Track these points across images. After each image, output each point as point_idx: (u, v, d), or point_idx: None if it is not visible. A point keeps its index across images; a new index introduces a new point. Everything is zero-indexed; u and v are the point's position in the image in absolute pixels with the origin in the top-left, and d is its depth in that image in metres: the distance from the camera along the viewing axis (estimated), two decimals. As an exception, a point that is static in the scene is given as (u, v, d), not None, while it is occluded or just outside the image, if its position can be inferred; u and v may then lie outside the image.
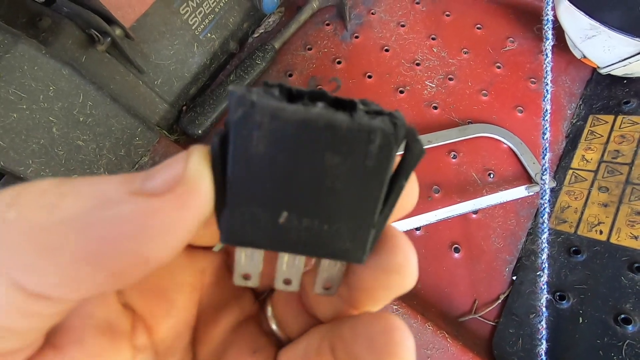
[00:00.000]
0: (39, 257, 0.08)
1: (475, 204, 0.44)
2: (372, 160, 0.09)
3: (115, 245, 0.08)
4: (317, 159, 0.09)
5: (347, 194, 0.09)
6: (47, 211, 0.08)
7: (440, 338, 0.36)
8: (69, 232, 0.08)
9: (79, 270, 0.08)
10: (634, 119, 0.44)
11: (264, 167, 0.09)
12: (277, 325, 0.14)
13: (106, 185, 0.09)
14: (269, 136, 0.08)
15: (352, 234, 0.10)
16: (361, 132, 0.08)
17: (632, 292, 0.35)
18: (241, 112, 0.08)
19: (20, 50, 0.30)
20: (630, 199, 0.39)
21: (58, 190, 0.08)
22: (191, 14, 0.46)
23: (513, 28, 0.55)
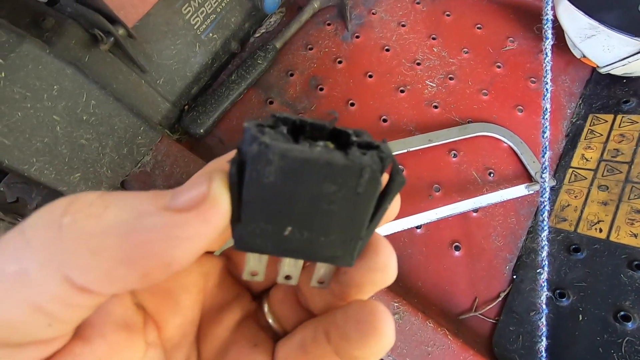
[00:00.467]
0: (87, 256, 0.09)
1: (476, 203, 0.44)
2: (362, 189, 0.11)
3: (146, 250, 0.09)
4: (317, 187, 0.11)
5: (340, 213, 0.11)
6: (95, 219, 0.10)
7: (441, 335, 0.36)
8: (111, 237, 0.09)
9: (117, 269, 0.09)
10: (633, 118, 0.44)
11: (272, 193, 0.11)
12: (273, 320, 0.15)
13: (141, 199, 0.10)
14: (278, 170, 0.10)
15: (343, 244, 0.12)
16: (354, 168, 0.10)
17: (632, 289, 0.35)
18: (256, 150, 0.10)
19: (25, 50, 0.31)
20: (630, 198, 0.39)
21: (102, 202, 0.10)
22: (193, 14, 0.47)
23: (513, 28, 0.55)
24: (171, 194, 0.11)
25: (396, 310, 0.37)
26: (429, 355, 0.36)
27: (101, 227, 0.09)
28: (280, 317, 0.15)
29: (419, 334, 0.36)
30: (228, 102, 0.50)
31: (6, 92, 0.31)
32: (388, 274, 0.13)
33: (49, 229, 0.09)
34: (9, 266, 0.09)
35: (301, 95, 0.52)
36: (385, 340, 0.12)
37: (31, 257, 0.09)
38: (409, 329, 0.37)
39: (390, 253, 0.13)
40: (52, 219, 0.10)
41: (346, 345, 0.12)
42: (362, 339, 0.12)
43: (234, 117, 0.51)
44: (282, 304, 0.15)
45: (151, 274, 0.10)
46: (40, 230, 0.10)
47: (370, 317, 0.12)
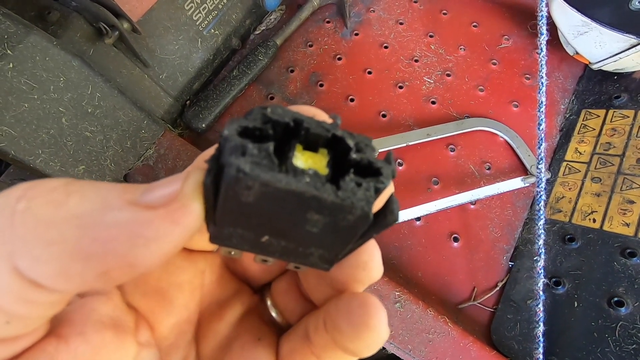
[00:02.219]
0: (40, 247, 0.08)
1: (473, 195, 0.45)
2: (348, 223, 0.10)
3: (106, 247, 0.09)
4: (300, 214, 0.10)
5: (321, 237, 0.11)
6: (54, 207, 0.09)
7: (441, 323, 0.37)
8: (69, 229, 0.09)
9: (71, 265, 0.09)
10: (624, 112, 0.46)
11: (250, 210, 0.10)
12: (277, 313, 0.15)
13: (109, 191, 0.09)
14: (259, 194, 0.09)
15: (322, 258, 0.12)
16: (344, 207, 0.09)
17: (625, 276, 0.36)
18: (233, 174, 0.09)
19: (32, 41, 0.31)
20: (622, 189, 0.41)
21: (66, 189, 0.09)
22: (195, 10, 0.47)
23: (508, 26, 0.56)
24: (143, 188, 0.10)
25: (397, 299, 0.38)
26: (429, 342, 0.37)
27: (59, 217, 0.09)
28: (284, 310, 0.15)
29: (419, 322, 0.37)
30: (229, 98, 0.50)
31: (14, 83, 0.31)
32: (371, 271, 0.13)
33: (1, 215, 0.09)
34: None
35: (301, 91, 0.53)
36: (376, 333, 0.11)
37: None
38: (410, 317, 0.37)
39: (373, 249, 0.13)
40: (6, 203, 0.09)
41: (340, 337, 0.12)
42: (354, 332, 0.11)
43: (235, 112, 0.52)
44: (284, 297, 0.15)
45: (111, 274, 0.09)
46: None
47: (360, 310, 0.12)
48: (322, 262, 0.12)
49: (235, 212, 0.10)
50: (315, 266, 0.12)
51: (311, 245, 0.11)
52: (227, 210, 0.10)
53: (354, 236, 0.11)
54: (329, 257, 0.12)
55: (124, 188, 0.09)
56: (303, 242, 0.11)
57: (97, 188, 0.09)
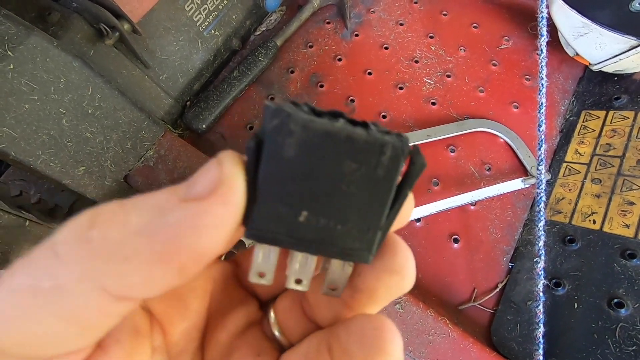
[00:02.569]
0: (121, 263, 0.09)
1: (473, 196, 0.45)
2: (383, 170, 0.10)
3: (177, 244, 0.09)
4: (337, 165, 0.10)
5: (360, 197, 0.11)
6: (121, 226, 0.10)
7: (441, 324, 0.37)
8: (140, 240, 0.09)
9: (152, 271, 0.10)
10: (624, 113, 0.46)
11: (291, 169, 0.10)
12: (279, 331, 0.15)
13: (158, 198, 0.10)
14: (299, 143, 0.10)
15: (362, 234, 0.11)
16: (375, 144, 0.10)
17: (625, 277, 0.36)
18: (277, 121, 0.10)
19: (32, 42, 0.31)
20: (622, 190, 0.41)
21: (123, 209, 0.10)
22: (196, 11, 0.47)
23: (508, 27, 0.56)
24: (185, 185, 0.10)
25: (397, 301, 0.38)
26: (430, 344, 0.37)
27: (128, 232, 0.10)
28: (286, 328, 0.15)
29: (420, 324, 0.37)
30: (229, 98, 0.50)
31: (14, 85, 0.31)
32: (405, 277, 0.12)
33: (79, 244, 0.10)
34: (43, 283, 0.09)
35: (302, 92, 0.53)
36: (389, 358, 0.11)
37: (65, 273, 0.09)
38: (410, 318, 0.37)
39: (409, 255, 0.12)
40: (80, 233, 0.10)
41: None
42: (366, 357, 0.11)
43: (235, 113, 0.52)
44: (288, 314, 0.15)
45: (187, 267, 0.10)
46: (70, 245, 0.10)
47: (375, 333, 0.11)
48: (361, 250, 0.12)
49: (276, 176, 0.10)
50: (354, 256, 0.12)
51: (350, 218, 0.11)
52: (269, 175, 0.10)
53: (390, 190, 0.11)
54: (368, 236, 0.11)
55: (170, 191, 0.10)
56: (342, 213, 0.11)
57: (148, 198, 0.10)
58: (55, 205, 0.46)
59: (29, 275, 0.10)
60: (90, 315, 0.10)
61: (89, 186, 0.40)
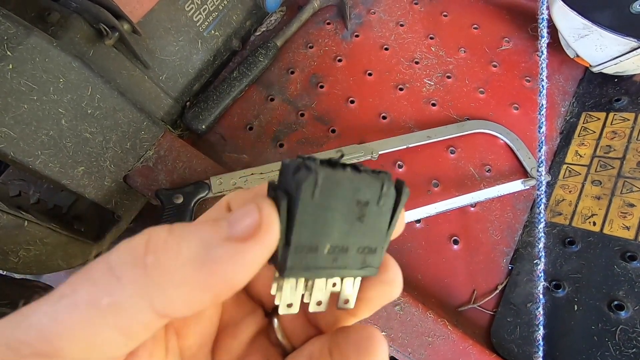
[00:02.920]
0: (172, 289, 0.11)
1: (473, 198, 0.45)
2: (384, 201, 0.14)
3: (219, 277, 0.11)
4: (351, 203, 0.13)
5: (369, 225, 0.14)
6: (173, 256, 0.11)
7: (440, 326, 0.37)
8: (189, 270, 0.11)
9: (195, 296, 0.11)
10: (624, 115, 0.46)
11: (317, 211, 0.13)
12: (283, 336, 0.16)
13: (205, 232, 0.12)
14: (322, 190, 0.12)
15: (372, 254, 0.14)
16: (377, 181, 0.13)
17: (625, 279, 0.36)
18: (308, 176, 0.12)
19: (32, 42, 0.31)
20: (622, 192, 0.41)
21: (174, 239, 0.12)
22: (196, 11, 0.47)
23: (508, 28, 0.56)
24: (227, 223, 0.12)
25: (397, 302, 0.38)
26: (429, 345, 0.36)
27: (180, 262, 0.11)
28: (290, 334, 0.16)
29: (419, 325, 0.37)
30: (229, 99, 0.50)
31: (13, 85, 0.31)
32: (395, 287, 0.15)
33: (136, 267, 0.11)
34: (103, 299, 0.11)
35: (302, 93, 0.53)
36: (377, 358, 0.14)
37: (122, 292, 0.11)
38: (409, 320, 0.37)
39: (397, 269, 0.15)
40: (137, 258, 0.11)
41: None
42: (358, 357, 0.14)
43: (235, 114, 0.52)
44: (291, 321, 0.16)
45: (221, 295, 0.11)
46: (127, 267, 0.11)
47: (367, 341, 0.14)
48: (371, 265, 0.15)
49: (307, 218, 0.12)
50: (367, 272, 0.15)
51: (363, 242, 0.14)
52: (303, 219, 0.12)
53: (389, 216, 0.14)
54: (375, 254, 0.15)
55: (214, 226, 0.12)
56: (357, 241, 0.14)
57: (196, 231, 0.12)
58: (55, 206, 0.46)
59: (89, 292, 0.11)
60: (138, 329, 0.11)
61: (88, 186, 0.40)
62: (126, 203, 0.45)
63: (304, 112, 0.51)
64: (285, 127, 0.51)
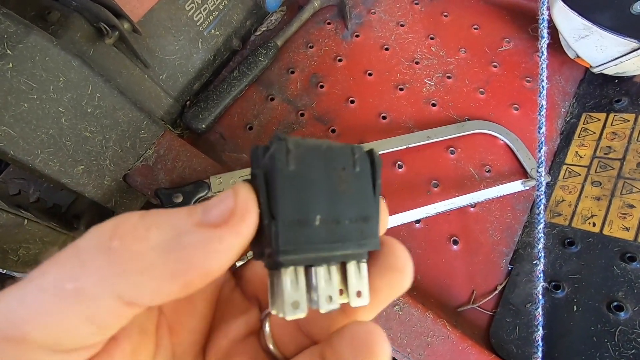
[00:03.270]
0: (137, 276, 0.10)
1: (473, 198, 0.45)
2: (359, 166, 0.13)
3: (188, 264, 0.11)
4: (328, 170, 0.13)
5: (352, 192, 0.13)
6: (140, 241, 0.11)
7: (440, 326, 0.37)
8: (156, 256, 0.11)
9: (162, 284, 0.11)
10: (624, 116, 0.46)
11: (296, 181, 0.12)
12: (273, 344, 0.15)
13: (177, 217, 0.11)
14: (296, 157, 0.12)
15: (365, 224, 0.13)
16: (347, 149, 0.13)
17: (624, 280, 0.36)
18: (279, 144, 0.12)
19: (32, 41, 0.31)
20: (622, 193, 0.41)
21: (144, 224, 0.11)
22: (196, 11, 0.47)
23: (509, 29, 0.56)
24: (202, 209, 0.12)
25: (396, 302, 0.38)
26: (428, 346, 0.36)
27: (146, 248, 0.11)
28: (281, 342, 0.15)
29: (418, 325, 0.37)
30: (229, 98, 0.50)
31: (13, 83, 0.31)
32: (406, 275, 0.13)
33: (100, 252, 0.11)
34: (68, 284, 0.10)
35: (302, 93, 0.53)
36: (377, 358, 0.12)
37: (87, 277, 0.10)
38: (409, 320, 0.37)
39: (407, 256, 0.14)
40: (102, 242, 0.11)
41: None
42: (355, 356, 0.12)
43: (235, 113, 0.52)
44: (282, 329, 0.15)
45: (192, 284, 0.11)
46: (92, 252, 0.11)
47: (366, 336, 0.12)
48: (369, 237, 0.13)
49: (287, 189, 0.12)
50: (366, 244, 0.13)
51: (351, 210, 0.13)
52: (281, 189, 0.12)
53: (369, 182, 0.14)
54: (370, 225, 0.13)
55: (188, 212, 0.11)
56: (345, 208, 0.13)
57: (168, 217, 0.11)
58: (54, 205, 0.46)
59: (55, 277, 0.11)
60: (105, 317, 0.11)
61: (87, 185, 0.40)
62: (126, 202, 0.45)
63: (304, 112, 0.51)
64: (285, 126, 0.51)
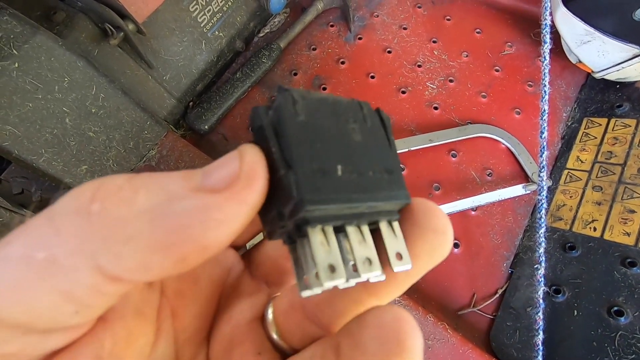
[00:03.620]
0: (120, 245, 0.09)
1: (474, 202, 0.45)
2: (369, 120, 0.13)
3: (181, 235, 0.09)
4: (339, 122, 0.12)
5: (368, 144, 0.12)
6: (125, 205, 0.09)
7: (440, 329, 0.37)
8: (144, 223, 0.09)
9: (151, 257, 0.09)
10: (626, 121, 0.46)
11: (308, 131, 0.11)
12: (277, 333, 0.13)
13: (171, 181, 0.10)
14: (304, 108, 0.11)
15: (389, 176, 0.12)
16: (354, 103, 0.13)
17: (625, 285, 0.36)
18: (284, 94, 0.11)
19: (38, 41, 0.31)
20: (623, 198, 0.41)
21: (131, 186, 0.09)
22: (200, 12, 0.47)
23: (511, 33, 0.56)
24: (202, 172, 0.10)
25: (397, 305, 0.38)
26: (429, 349, 0.37)
27: (132, 213, 0.09)
28: (286, 331, 0.13)
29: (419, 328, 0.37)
30: (232, 100, 0.50)
31: (18, 83, 0.31)
32: (447, 238, 0.11)
33: (78, 216, 0.09)
34: (38, 253, 0.09)
35: (304, 94, 0.53)
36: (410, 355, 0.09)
37: (60, 244, 0.09)
38: (409, 322, 0.37)
39: (445, 216, 0.12)
40: (81, 205, 0.09)
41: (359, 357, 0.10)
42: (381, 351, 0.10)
43: (238, 114, 0.52)
44: (288, 316, 0.13)
45: (187, 259, 0.09)
46: (68, 217, 0.09)
47: (396, 325, 0.10)
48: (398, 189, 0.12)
49: (300, 138, 0.11)
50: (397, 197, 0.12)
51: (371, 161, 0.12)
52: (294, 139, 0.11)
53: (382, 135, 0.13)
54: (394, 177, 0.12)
55: (185, 175, 0.10)
56: (364, 159, 0.12)
57: (160, 179, 0.09)
58: (57, 204, 0.46)
59: (23, 245, 0.09)
60: (84, 293, 0.09)
61: (90, 185, 0.40)
62: (128, 202, 0.45)
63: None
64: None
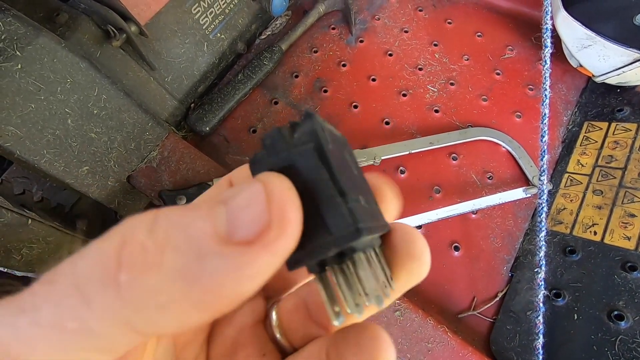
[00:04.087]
0: (154, 312, 0.09)
1: (475, 205, 0.46)
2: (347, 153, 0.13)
3: (215, 294, 0.09)
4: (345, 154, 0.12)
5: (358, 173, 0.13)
6: (154, 272, 0.09)
7: (440, 332, 0.37)
8: (176, 290, 0.09)
9: (187, 318, 0.09)
10: (627, 125, 0.46)
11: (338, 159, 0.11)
12: (281, 333, 0.14)
13: (195, 232, 0.09)
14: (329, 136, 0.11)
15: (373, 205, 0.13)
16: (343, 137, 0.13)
17: (625, 289, 0.36)
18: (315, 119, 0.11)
19: (41, 43, 0.31)
20: (623, 202, 0.41)
21: (154, 244, 0.09)
22: (202, 14, 0.48)
23: (512, 37, 0.57)
24: (225, 216, 0.09)
25: (397, 308, 0.38)
26: (429, 352, 0.37)
27: (162, 279, 0.09)
28: (289, 330, 0.14)
29: (419, 331, 0.37)
30: (234, 102, 0.51)
31: (21, 84, 0.31)
32: (424, 263, 0.12)
33: (107, 288, 0.09)
34: (69, 323, 0.09)
35: (305, 97, 0.53)
36: None
37: (93, 317, 0.09)
38: (409, 325, 0.37)
39: (425, 244, 0.13)
40: (108, 275, 0.09)
41: None
42: None
43: (239, 116, 0.52)
44: (291, 316, 0.14)
45: (222, 311, 0.09)
46: (97, 288, 0.09)
47: (371, 343, 0.11)
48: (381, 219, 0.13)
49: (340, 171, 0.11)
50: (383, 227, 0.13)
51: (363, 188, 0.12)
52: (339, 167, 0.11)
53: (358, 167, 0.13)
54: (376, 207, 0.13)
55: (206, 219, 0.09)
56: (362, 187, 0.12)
57: (183, 230, 0.09)
58: (58, 204, 0.47)
59: (53, 314, 0.09)
60: (117, 347, 0.09)
61: (92, 186, 0.40)
62: (129, 203, 0.45)
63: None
64: (288, 130, 0.51)
